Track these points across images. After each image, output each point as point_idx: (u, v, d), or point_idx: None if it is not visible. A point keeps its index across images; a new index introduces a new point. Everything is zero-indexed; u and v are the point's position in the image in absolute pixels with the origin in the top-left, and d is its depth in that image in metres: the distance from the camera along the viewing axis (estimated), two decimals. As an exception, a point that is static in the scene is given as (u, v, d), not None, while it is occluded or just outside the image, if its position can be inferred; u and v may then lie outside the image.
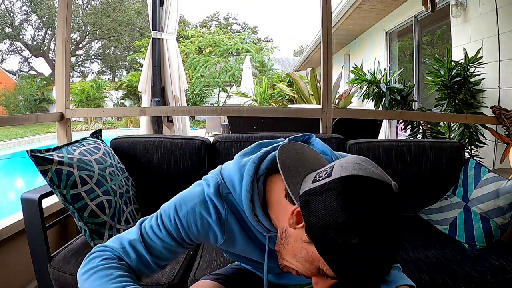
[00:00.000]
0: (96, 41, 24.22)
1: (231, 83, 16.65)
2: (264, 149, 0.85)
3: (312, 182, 0.67)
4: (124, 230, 1.45)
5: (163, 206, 0.88)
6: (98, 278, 0.75)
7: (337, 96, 7.42)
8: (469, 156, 2.66)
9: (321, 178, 0.66)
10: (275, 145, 0.87)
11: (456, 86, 3.14)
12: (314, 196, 0.64)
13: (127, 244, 0.81)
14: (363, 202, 0.60)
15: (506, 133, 2.47)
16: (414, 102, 3.86)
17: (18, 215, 1.65)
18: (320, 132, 2.08)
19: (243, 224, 0.83)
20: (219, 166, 0.90)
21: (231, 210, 0.82)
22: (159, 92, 3.04)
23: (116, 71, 24.99)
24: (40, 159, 1.30)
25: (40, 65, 28.88)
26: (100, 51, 24.59)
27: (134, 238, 0.82)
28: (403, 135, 4.31)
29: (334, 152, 0.93)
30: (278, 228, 0.76)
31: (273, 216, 0.78)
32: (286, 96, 10.81)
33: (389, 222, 0.61)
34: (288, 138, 0.89)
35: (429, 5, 3.49)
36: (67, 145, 1.50)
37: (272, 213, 0.78)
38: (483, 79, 3.21)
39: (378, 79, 3.81)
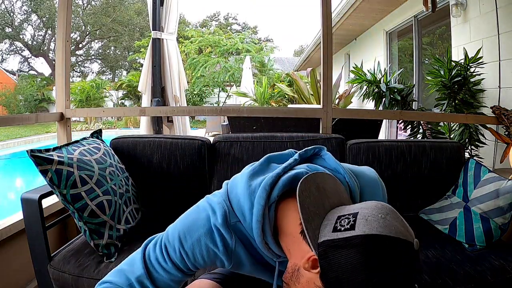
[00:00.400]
0: (96, 41, 24.24)
1: (231, 83, 16.66)
2: (275, 172, 0.80)
3: (333, 231, 0.64)
4: (124, 230, 1.45)
5: (167, 233, 0.84)
6: None
7: (337, 96, 7.42)
8: (469, 156, 2.66)
9: (342, 228, 0.63)
10: (285, 165, 0.83)
11: (456, 86, 3.14)
12: (334, 249, 0.62)
13: (134, 280, 0.79)
14: (385, 264, 0.60)
15: (506, 133, 2.47)
16: (414, 102, 3.86)
17: (18, 215, 1.65)
18: (320, 132, 2.08)
19: (251, 250, 0.81)
20: (225, 186, 0.85)
21: (239, 238, 0.79)
22: (159, 92, 3.04)
23: (116, 71, 25.00)
24: (40, 159, 1.30)
25: (40, 65, 28.89)
26: (100, 51, 24.60)
27: (140, 274, 0.79)
28: (403, 135, 4.31)
29: (344, 165, 0.89)
30: (288, 258, 0.75)
31: (284, 247, 0.75)
32: (286, 96, 10.81)
33: (406, 282, 0.61)
34: (298, 153, 0.86)
35: (429, 5, 3.49)
36: (67, 145, 1.50)
37: (284, 244, 0.75)
38: (483, 79, 3.21)
39: (378, 79, 3.81)
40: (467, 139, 3.01)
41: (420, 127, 3.34)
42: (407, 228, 0.64)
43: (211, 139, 1.88)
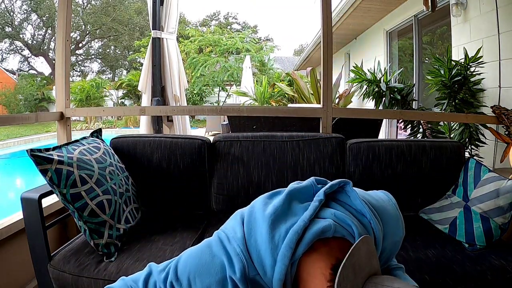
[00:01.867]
0: (96, 40, 24.22)
1: (231, 83, 16.64)
2: (300, 224, 0.75)
3: None
4: (124, 229, 1.45)
5: (176, 268, 0.79)
6: None
7: (337, 96, 7.42)
8: (469, 156, 2.66)
9: None
10: (311, 212, 0.77)
11: (456, 85, 3.14)
12: None
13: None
14: None
15: (506, 132, 2.47)
16: (414, 102, 3.86)
17: (18, 215, 1.65)
18: (320, 131, 2.08)
19: None
20: (240, 227, 0.80)
21: None
22: (159, 92, 3.04)
23: (116, 71, 25.00)
24: (40, 158, 1.29)
25: (40, 65, 28.90)
26: (100, 50, 24.59)
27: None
28: (403, 135, 4.31)
29: (363, 195, 0.86)
30: None
31: None
32: (286, 96, 10.79)
33: None
34: (323, 191, 0.82)
35: (429, 4, 3.49)
36: (67, 144, 1.50)
37: None
38: (483, 78, 3.20)
39: (378, 79, 3.80)
40: (467, 139, 3.00)
41: (420, 126, 3.34)
42: None
43: (211, 139, 1.88)
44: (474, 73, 3.14)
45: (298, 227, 0.74)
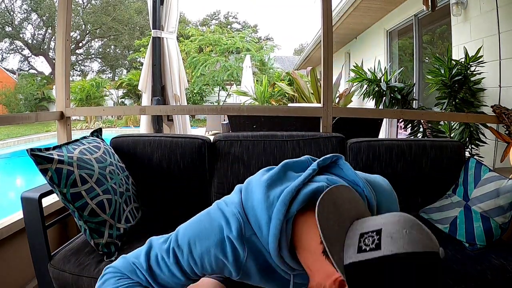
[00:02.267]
0: (96, 40, 24.23)
1: (231, 82, 16.64)
2: (294, 184, 0.78)
3: (358, 252, 0.63)
4: (124, 229, 1.45)
5: (177, 235, 0.82)
6: None
7: (337, 95, 7.42)
8: (469, 155, 2.66)
9: (368, 248, 0.62)
10: (304, 176, 0.80)
11: (456, 85, 3.14)
12: (362, 271, 0.61)
13: (137, 269, 0.81)
14: (415, 280, 0.59)
15: (507, 132, 2.46)
16: (414, 101, 3.86)
17: (18, 214, 1.65)
18: (321, 130, 2.08)
19: (263, 263, 0.79)
20: (238, 194, 0.83)
21: (252, 251, 0.78)
22: (159, 91, 3.04)
23: (116, 70, 24.99)
24: (40, 158, 1.29)
25: (40, 64, 28.86)
26: (100, 50, 24.60)
27: (142, 265, 0.81)
28: (403, 134, 4.31)
29: (359, 174, 0.87)
30: (309, 275, 0.73)
31: (303, 263, 0.74)
32: (286, 95, 10.79)
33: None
34: (317, 162, 0.85)
35: (429, 4, 3.48)
36: (67, 144, 1.50)
37: (303, 259, 0.74)
38: (483, 78, 3.20)
39: (378, 78, 3.80)
40: (467, 138, 3.00)
41: (421, 126, 3.34)
42: (432, 238, 0.64)
43: (211, 138, 1.88)
44: (474, 72, 3.14)
45: (292, 186, 0.77)
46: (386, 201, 0.89)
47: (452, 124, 3.20)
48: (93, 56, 24.68)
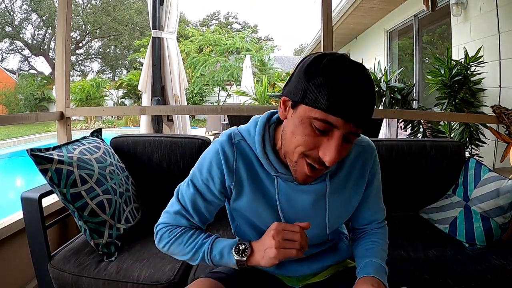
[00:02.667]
0: (96, 40, 24.22)
1: (231, 82, 16.64)
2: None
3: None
4: (124, 229, 1.46)
5: (190, 172, 0.99)
6: (176, 247, 0.95)
7: (337, 95, 7.41)
8: (469, 156, 2.66)
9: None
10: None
11: (456, 85, 3.14)
12: (289, 80, 0.81)
13: (177, 215, 0.97)
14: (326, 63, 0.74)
15: (507, 132, 2.47)
16: (414, 101, 3.86)
17: (18, 214, 1.65)
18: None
19: (252, 171, 0.91)
20: None
21: (242, 156, 0.91)
22: (159, 91, 3.04)
23: (116, 70, 24.99)
24: (40, 158, 1.29)
25: (40, 64, 28.93)
26: (100, 50, 24.59)
27: (178, 209, 0.96)
28: (403, 135, 4.30)
29: None
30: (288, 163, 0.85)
31: (281, 153, 0.87)
32: (287, 95, 10.77)
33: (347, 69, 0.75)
34: None
35: (429, 4, 3.48)
36: (67, 144, 1.50)
37: (281, 151, 0.88)
38: (483, 78, 3.21)
39: (378, 78, 3.81)
40: (467, 138, 3.00)
41: (421, 126, 3.34)
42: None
43: (212, 138, 1.88)
44: (474, 72, 3.14)
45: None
46: None
47: (452, 124, 3.20)
48: (93, 56, 24.69)
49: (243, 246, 0.88)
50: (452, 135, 3.17)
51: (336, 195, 0.93)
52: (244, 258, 0.87)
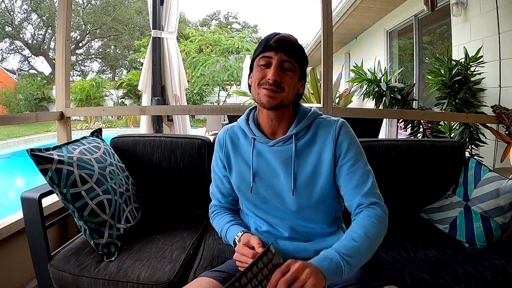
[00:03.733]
0: (96, 40, 24.22)
1: (231, 82, 16.64)
2: None
3: None
4: (124, 229, 1.46)
5: None
6: (214, 226, 1.29)
7: (337, 95, 7.41)
8: (469, 156, 2.66)
9: None
10: None
11: (456, 85, 3.14)
12: None
13: (212, 196, 1.34)
14: None
15: (507, 132, 2.47)
16: (414, 101, 3.86)
17: (18, 214, 1.65)
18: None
19: (236, 142, 1.20)
20: None
21: (230, 135, 1.21)
22: (159, 91, 3.04)
23: (116, 70, 24.97)
24: (40, 158, 1.29)
25: (40, 64, 28.84)
26: (100, 50, 24.59)
27: (211, 192, 1.34)
28: (403, 135, 4.30)
29: None
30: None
31: (260, 121, 1.18)
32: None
33: None
34: None
35: (429, 4, 3.48)
36: (67, 144, 1.50)
37: (260, 121, 1.18)
38: (483, 78, 3.20)
39: (378, 78, 3.80)
40: (467, 139, 3.00)
41: (421, 126, 3.34)
42: None
43: (211, 138, 1.88)
44: (474, 72, 3.14)
45: None
46: None
47: (452, 124, 3.20)
48: (93, 56, 24.67)
49: (237, 238, 1.11)
50: (452, 135, 3.17)
51: (302, 156, 1.11)
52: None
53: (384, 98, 3.69)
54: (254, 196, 1.15)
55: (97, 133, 1.75)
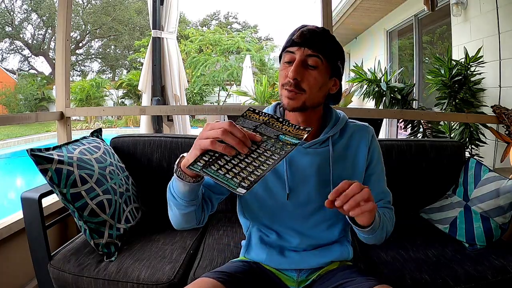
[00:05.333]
0: (96, 40, 24.18)
1: (231, 82, 16.64)
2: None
3: None
4: (124, 229, 1.45)
5: None
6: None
7: (337, 95, 7.40)
8: (469, 156, 2.66)
9: None
10: None
11: (456, 85, 3.14)
12: None
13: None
14: None
15: (507, 132, 2.47)
16: (414, 101, 3.86)
17: (18, 214, 1.65)
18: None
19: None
20: None
21: None
22: (159, 91, 3.04)
23: (116, 70, 24.95)
24: (40, 158, 1.29)
25: (40, 64, 28.79)
26: (100, 50, 24.56)
27: None
28: (403, 134, 4.30)
29: None
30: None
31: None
32: (286, 95, 10.75)
33: None
34: None
35: (429, 4, 3.48)
36: (67, 144, 1.50)
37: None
38: (483, 78, 3.21)
39: (378, 78, 3.81)
40: (467, 138, 3.00)
41: (421, 126, 3.34)
42: None
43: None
44: (474, 72, 3.14)
45: None
46: None
47: (452, 124, 3.20)
48: (93, 56, 24.64)
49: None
50: (452, 135, 3.17)
51: (339, 160, 1.03)
52: (176, 166, 0.84)
53: (384, 98, 3.69)
54: (290, 200, 1.03)
55: (97, 133, 1.75)
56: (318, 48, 0.92)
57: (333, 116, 1.06)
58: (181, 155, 0.84)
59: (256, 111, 0.85)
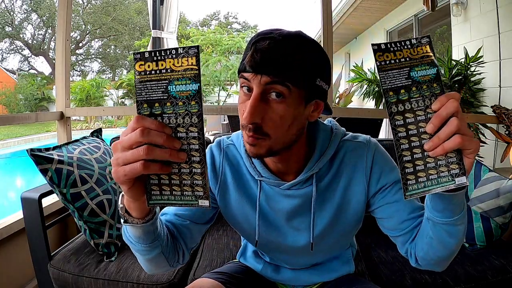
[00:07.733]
0: (96, 40, 24.22)
1: (232, 82, 16.65)
2: None
3: None
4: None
5: None
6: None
7: (337, 95, 7.41)
8: (469, 155, 2.65)
9: None
10: None
11: (456, 85, 3.14)
12: None
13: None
14: None
15: (507, 132, 2.47)
16: (414, 101, 3.85)
17: (18, 214, 1.65)
18: (320, 131, 2.07)
19: (238, 174, 0.87)
20: None
21: (229, 160, 0.88)
22: (159, 91, 3.04)
23: (116, 70, 24.97)
24: (40, 158, 1.29)
25: (40, 64, 28.90)
26: (100, 50, 24.59)
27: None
28: (403, 134, 4.30)
29: None
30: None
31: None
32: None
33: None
34: None
35: (429, 4, 3.48)
36: (67, 144, 1.50)
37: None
38: (483, 78, 3.20)
39: (378, 78, 3.80)
40: (467, 138, 3.00)
41: (421, 126, 3.33)
42: None
43: (211, 138, 1.88)
44: (474, 72, 3.14)
45: None
46: None
47: (452, 124, 3.19)
48: (93, 56, 24.67)
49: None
50: (452, 135, 3.16)
51: (324, 201, 0.83)
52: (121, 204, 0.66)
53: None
54: (259, 247, 0.92)
55: (97, 133, 1.75)
56: (280, 72, 0.64)
57: (318, 145, 0.81)
58: (121, 194, 0.65)
59: (146, 55, 0.57)
